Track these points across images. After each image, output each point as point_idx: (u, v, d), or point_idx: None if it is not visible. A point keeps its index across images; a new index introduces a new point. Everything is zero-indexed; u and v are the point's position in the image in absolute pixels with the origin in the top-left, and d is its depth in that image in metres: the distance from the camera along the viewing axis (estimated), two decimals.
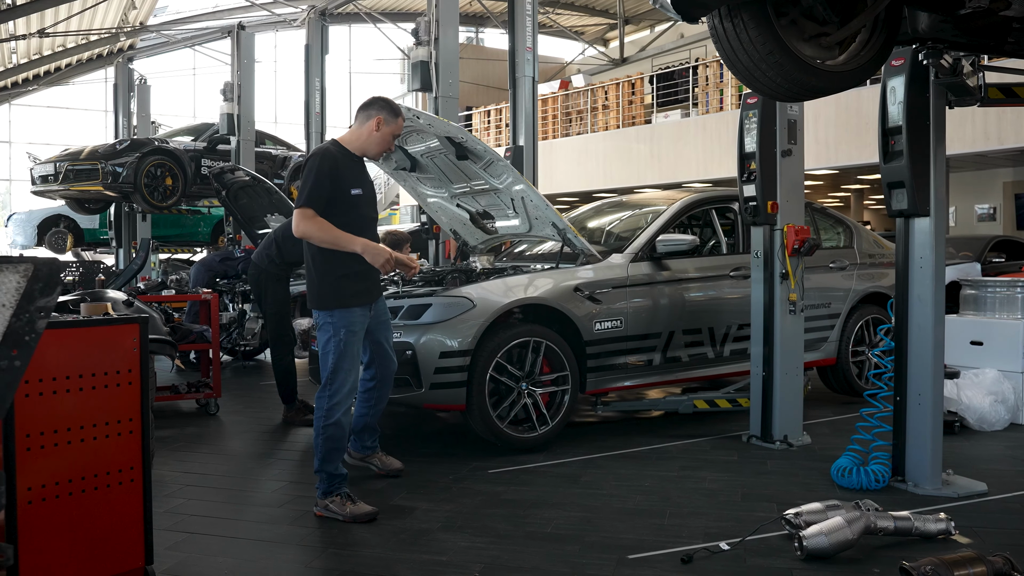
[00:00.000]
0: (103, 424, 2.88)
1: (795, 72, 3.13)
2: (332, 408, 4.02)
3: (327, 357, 4.03)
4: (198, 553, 3.58)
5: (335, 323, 4.02)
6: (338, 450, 4.05)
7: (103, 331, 2.92)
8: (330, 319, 4.03)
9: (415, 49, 8.88)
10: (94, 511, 2.85)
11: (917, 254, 4.35)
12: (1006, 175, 16.73)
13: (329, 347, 4.02)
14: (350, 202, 4.05)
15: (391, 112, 4.16)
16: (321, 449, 4.02)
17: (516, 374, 5.11)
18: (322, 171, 3.97)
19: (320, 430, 4.02)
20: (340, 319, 4.03)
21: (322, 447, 4.02)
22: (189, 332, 6.79)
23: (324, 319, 4.05)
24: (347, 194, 4.04)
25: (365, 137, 4.15)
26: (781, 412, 5.28)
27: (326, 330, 4.04)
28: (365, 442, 4.74)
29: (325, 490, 4.03)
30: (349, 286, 4.05)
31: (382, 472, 4.72)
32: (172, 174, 12.25)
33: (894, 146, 4.32)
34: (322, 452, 4.02)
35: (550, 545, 3.61)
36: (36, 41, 19.06)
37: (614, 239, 6.33)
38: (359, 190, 4.11)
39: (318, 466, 4.04)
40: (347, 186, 4.05)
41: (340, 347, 4.00)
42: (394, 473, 4.70)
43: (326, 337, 4.04)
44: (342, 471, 4.07)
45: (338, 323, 4.02)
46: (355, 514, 3.95)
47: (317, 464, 4.04)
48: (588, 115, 20.18)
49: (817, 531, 3.40)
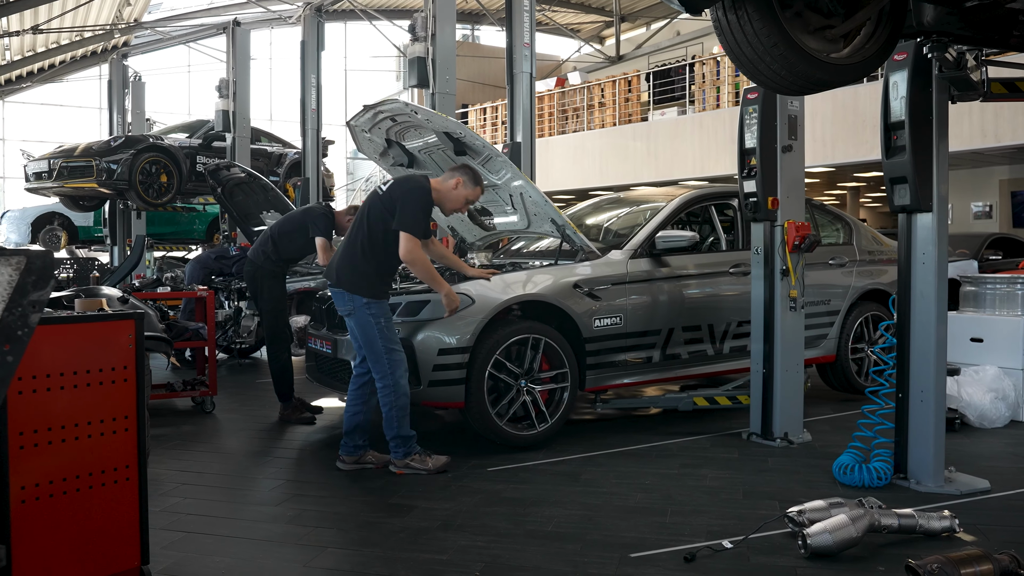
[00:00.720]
0: (98, 422, 2.83)
1: (800, 65, 3.09)
2: (397, 382, 4.56)
3: (376, 343, 4.55)
4: (195, 552, 3.53)
5: (375, 312, 4.56)
6: (407, 415, 4.63)
7: (98, 327, 2.87)
8: (370, 309, 4.55)
9: (412, 45, 8.82)
10: (89, 510, 2.80)
11: (919, 250, 4.32)
12: (1002, 173, 16.72)
13: (373, 333, 4.55)
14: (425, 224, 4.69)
15: (472, 179, 4.77)
16: (396, 420, 4.58)
17: (515, 371, 5.07)
18: (427, 205, 4.63)
19: (392, 403, 4.55)
20: (379, 309, 4.59)
21: (396, 416, 4.57)
22: (185, 329, 6.74)
23: (364, 309, 4.55)
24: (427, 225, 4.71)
25: (445, 191, 4.75)
26: (782, 409, 5.25)
27: (367, 319, 4.55)
28: (356, 441, 4.79)
29: (405, 452, 4.63)
30: (382, 285, 4.67)
31: (379, 466, 4.75)
32: (167, 171, 12.18)
33: (896, 141, 4.28)
34: (397, 421, 4.58)
35: (551, 544, 3.57)
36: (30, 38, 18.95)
37: (613, 236, 6.29)
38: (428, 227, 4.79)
39: (395, 433, 4.60)
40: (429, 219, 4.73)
41: (384, 331, 4.56)
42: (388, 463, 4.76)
43: (368, 324, 4.55)
44: (413, 431, 4.66)
45: (378, 312, 4.58)
46: (437, 465, 4.64)
47: (394, 432, 4.59)
48: (584, 112, 20.13)
49: (821, 529, 3.37)
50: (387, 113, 5.58)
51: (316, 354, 5.81)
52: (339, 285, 4.66)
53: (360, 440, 4.78)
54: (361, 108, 5.70)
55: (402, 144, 5.93)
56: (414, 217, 4.53)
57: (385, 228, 4.59)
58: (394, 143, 5.95)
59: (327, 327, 5.75)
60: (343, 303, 4.66)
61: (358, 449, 4.78)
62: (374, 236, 4.61)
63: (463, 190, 4.74)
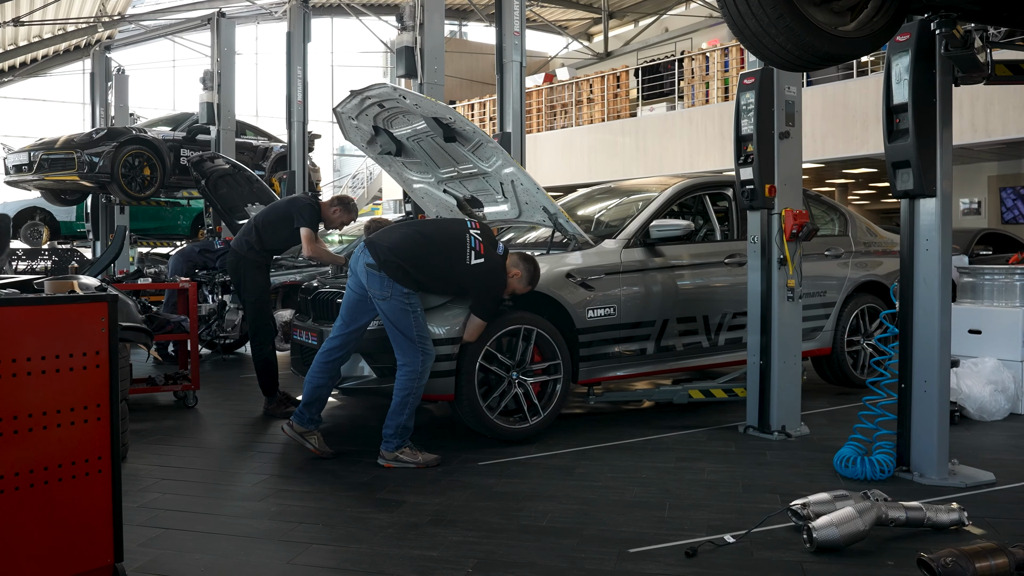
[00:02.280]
0: (68, 410, 2.66)
1: (807, 37, 2.97)
2: (425, 372, 4.55)
3: (411, 331, 4.53)
4: (173, 550, 3.37)
5: (413, 303, 4.57)
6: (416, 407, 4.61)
7: (68, 310, 2.70)
8: (408, 299, 4.56)
9: (400, 35, 8.65)
10: (58, 504, 2.63)
11: (923, 236, 4.20)
12: (991, 169, 16.71)
13: (409, 322, 4.54)
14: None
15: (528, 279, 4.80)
16: (409, 405, 4.52)
17: (506, 363, 4.93)
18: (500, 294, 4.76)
19: (411, 387, 4.51)
20: (417, 301, 4.60)
21: (409, 405, 4.52)
22: (166, 322, 6.55)
23: (402, 299, 4.54)
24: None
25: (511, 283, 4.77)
26: (779, 402, 5.13)
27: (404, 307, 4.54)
28: (312, 414, 4.74)
29: (398, 444, 4.54)
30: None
31: (317, 453, 4.72)
32: (150, 164, 11.97)
33: (899, 124, 4.16)
34: (409, 409, 4.53)
35: (546, 539, 3.44)
36: (11, 31, 18.68)
37: (606, 225, 6.15)
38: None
39: (402, 422, 4.53)
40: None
41: (421, 322, 4.58)
42: (328, 456, 4.73)
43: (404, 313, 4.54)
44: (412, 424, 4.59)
45: (416, 303, 4.59)
46: (427, 459, 4.55)
47: (402, 420, 4.52)
48: (573, 108, 20.02)
49: (827, 522, 3.24)
50: (375, 99, 5.42)
51: (302, 346, 5.65)
52: (382, 269, 4.55)
53: (315, 414, 4.74)
54: (348, 94, 5.53)
55: (390, 131, 5.77)
56: (488, 307, 4.71)
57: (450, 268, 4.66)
58: (382, 130, 5.79)
59: (313, 319, 5.59)
60: (380, 287, 4.55)
61: (311, 423, 4.74)
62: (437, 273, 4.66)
63: (515, 283, 4.77)
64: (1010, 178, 16.65)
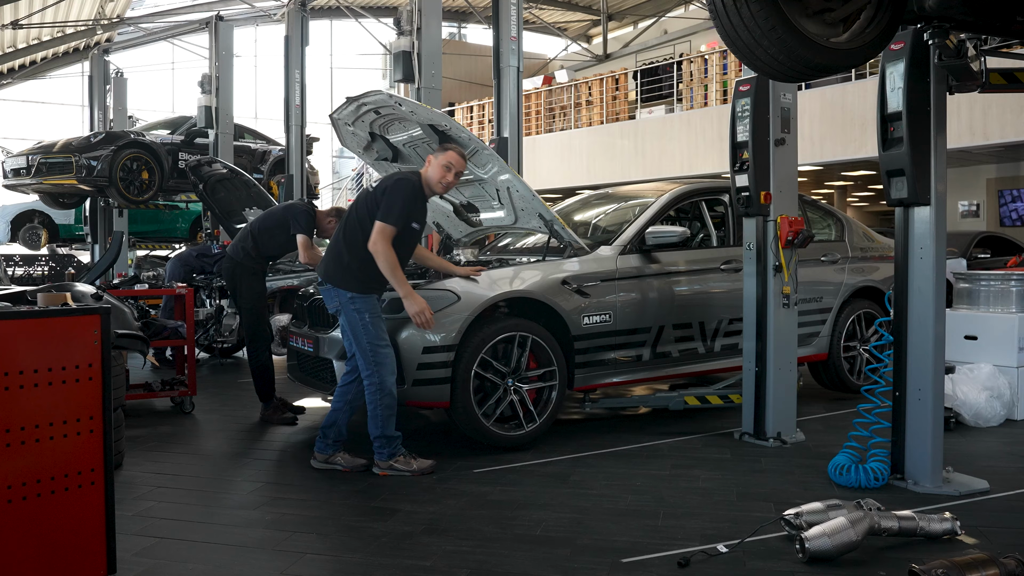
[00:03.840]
0: (60, 423, 2.68)
1: (798, 49, 2.97)
2: (383, 380, 4.47)
3: (360, 339, 4.47)
4: (167, 559, 3.38)
5: (359, 307, 4.48)
6: (393, 415, 4.53)
7: (61, 322, 2.71)
8: (354, 304, 4.48)
9: (397, 39, 8.66)
10: (51, 516, 2.64)
11: (917, 244, 4.21)
12: (989, 172, 16.70)
13: (358, 329, 4.48)
14: (407, 232, 4.54)
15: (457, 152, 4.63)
16: (381, 418, 4.48)
17: (502, 370, 4.94)
18: (412, 198, 4.51)
19: (377, 402, 4.46)
20: (363, 303, 4.49)
21: (381, 416, 4.48)
22: (163, 328, 6.56)
23: (348, 304, 4.48)
24: (408, 225, 4.53)
25: (435, 172, 4.59)
26: (774, 409, 5.13)
27: (352, 314, 4.48)
28: (329, 439, 4.69)
29: (390, 453, 4.54)
30: (375, 276, 4.50)
31: (347, 469, 4.64)
32: (148, 168, 11.96)
33: (893, 133, 4.17)
34: (382, 420, 4.49)
35: (540, 548, 3.44)
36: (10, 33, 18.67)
37: (602, 231, 6.16)
38: (418, 225, 4.62)
39: (379, 433, 4.51)
40: (412, 220, 4.55)
41: (369, 328, 4.47)
42: (360, 468, 4.64)
43: (353, 320, 4.48)
44: (398, 432, 4.57)
45: (363, 307, 4.49)
46: (422, 467, 4.54)
47: (378, 432, 4.51)
48: (572, 111, 20.01)
49: (820, 532, 3.25)
50: (371, 105, 5.43)
51: (298, 353, 5.65)
52: (327, 281, 4.59)
53: (333, 438, 4.68)
54: (344, 100, 5.54)
55: (386, 138, 5.78)
56: (389, 208, 4.44)
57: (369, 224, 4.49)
58: (378, 137, 5.80)
59: (309, 325, 5.59)
60: (331, 299, 4.59)
61: (329, 448, 4.68)
62: (357, 232, 4.54)
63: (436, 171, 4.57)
64: (1008, 181, 16.65)
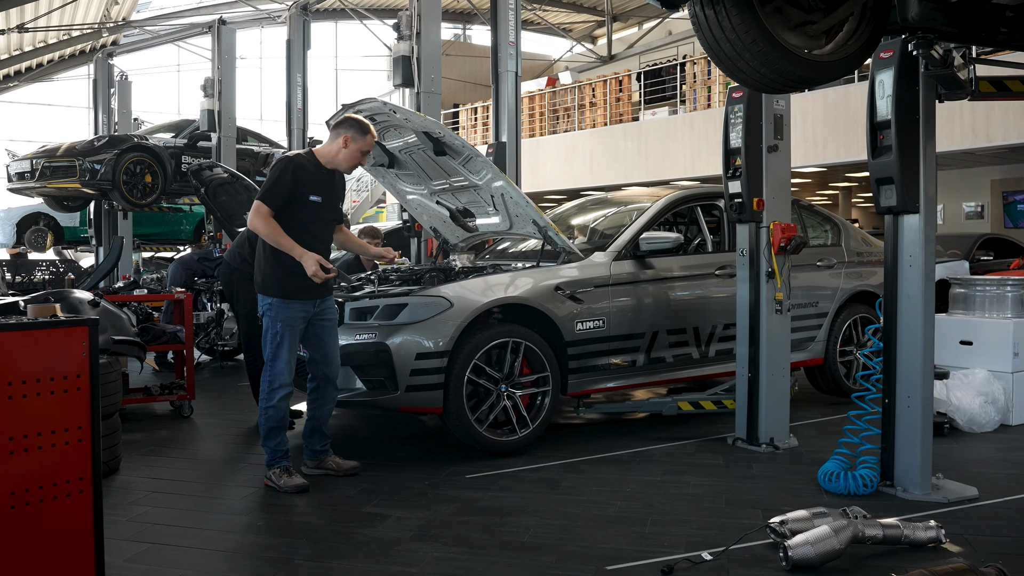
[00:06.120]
0: (49, 432, 2.71)
1: (780, 62, 3.00)
2: (271, 392, 4.40)
3: (266, 345, 4.44)
4: (158, 565, 3.42)
5: (273, 315, 4.40)
6: (278, 428, 4.44)
7: (49, 334, 2.75)
8: (270, 309, 4.40)
9: (397, 44, 8.72)
10: (39, 526, 2.68)
11: (906, 252, 4.22)
12: (993, 173, 16.67)
13: (267, 336, 4.43)
14: (308, 207, 4.42)
15: (359, 130, 4.48)
16: (264, 427, 4.44)
17: (495, 376, 4.96)
18: (284, 175, 4.36)
19: (263, 411, 4.44)
20: (279, 311, 4.39)
21: (264, 425, 4.44)
22: (162, 332, 6.61)
23: (265, 307, 4.43)
24: (306, 199, 4.41)
25: (335, 153, 4.50)
26: (767, 414, 5.15)
27: (267, 318, 4.44)
28: (315, 447, 4.71)
29: (268, 462, 4.48)
30: (294, 281, 4.37)
31: (339, 474, 4.66)
32: (152, 171, 12.01)
33: (882, 141, 4.18)
34: (264, 430, 4.44)
35: (525, 555, 3.47)
36: (16, 36, 18.78)
37: (597, 237, 6.18)
38: (318, 198, 4.46)
39: (262, 441, 4.48)
40: (307, 192, 4.41)
41: (277, 338, 4.39)
42: (351, 472, 4.67)
43: (267, 324, 4.44)
44: (284, 447, 4.47)
45: (277, 315, 4.39)
46: (288, 485, 4.37)
47: (261, 440, 4.49)
48: (575, 112, 20.04)
49: (803, 540, 3.27)
50: (366, 112, 5.46)
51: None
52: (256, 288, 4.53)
53: (319, 445, 4.71)
54: (340, 108, 5.58)
55: (382, 144, 5.82)
56: (265, 186, 4.37)
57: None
58: (376, 143, 5.82)
59: None
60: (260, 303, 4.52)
61: (317, 454, 4.71)
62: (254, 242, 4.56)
63: (353, 145, 4.45)
64: (1013, 182, 16.62)
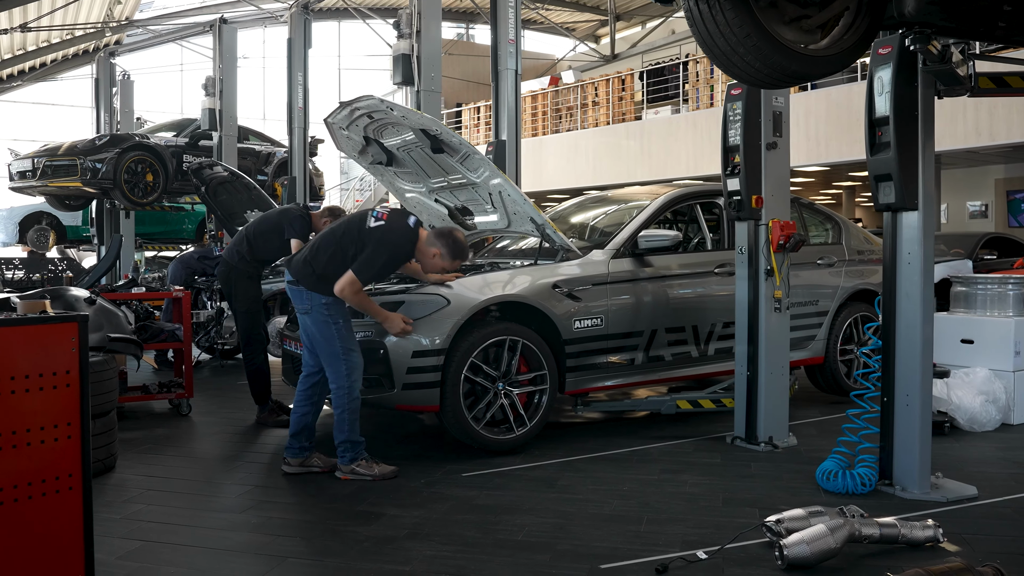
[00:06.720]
0: (38, 428, 2.70)
1: (774, 56, 2.98)
2: (352, 385, 4.48)
3: (332, 343, 4.49)
4: (150, 562, 3.40)
5: (333, 313, 4.49)
6: (358, 419, 4.54)
7: (38, 330, 2.74)
8: (328, 309, 4.48)
9: (397, 42, 8.69)
10: (28, 522, 2.66)
11: (905, 250, 4.20)
12: (997, 172, 16.60)
13: (331, 333, 4.49)
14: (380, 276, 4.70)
15: (451, 253, 4.57)
16: (347, 422, 4.50)
17: (492, 374, 4.94)
18: (395, 260, 4.59)
19: (345, 405, 4.48)
20: (338, 309, 4.51)
21: (348, 420, 4.49)
22: (160, 331, 6.60)
23: (322, 309, 4.48)
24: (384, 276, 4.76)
25: (424, 252, 4.59)
26: (766, 413, 5.12)
27: (324, 318, 4.49)
28: (302, 443, 4.70)
29: (352, 457, 4.54)
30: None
31: (326, 469, 4.66)
32: (153, 170, 12.03)
33: (881, 137, 4.16)
34: (348, 424, 4.50)
35: (520, 554, 3.45)
36: (20, 36, 18.82)
37: (596, 235, 6.16)
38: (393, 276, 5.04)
39: (345, 438, 4.51)
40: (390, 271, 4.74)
41: (342, 331, 4.50)
42: (335, 468, 4.65)
43: (325, 324, 4.49)
44: (362, 438, 4.58)
45: (336, 313, 4.50)
46: (384, 472, 4.53)
47: (344, 436, 4.51)
48: (578, 111, 20.01)
49: (798, 539, 3.24)
50: (364, 110, 5.45)
51: (292, 356, 5.68)
52: (300, 283, 4.57)
53: (306, 442, 4.70)
54: (338, 105, 5.57)
55: (380, 142, 5.80)
56: (369, 264, 4.42)
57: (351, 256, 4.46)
58: (372, 140, 5.82)
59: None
60: (301, 300, 4.58)
61: (303, 451, 4.70)
62: (337, 256, 4.50)
63: (439, 262, 4.58)
64: (1017, 181, 16.55)
